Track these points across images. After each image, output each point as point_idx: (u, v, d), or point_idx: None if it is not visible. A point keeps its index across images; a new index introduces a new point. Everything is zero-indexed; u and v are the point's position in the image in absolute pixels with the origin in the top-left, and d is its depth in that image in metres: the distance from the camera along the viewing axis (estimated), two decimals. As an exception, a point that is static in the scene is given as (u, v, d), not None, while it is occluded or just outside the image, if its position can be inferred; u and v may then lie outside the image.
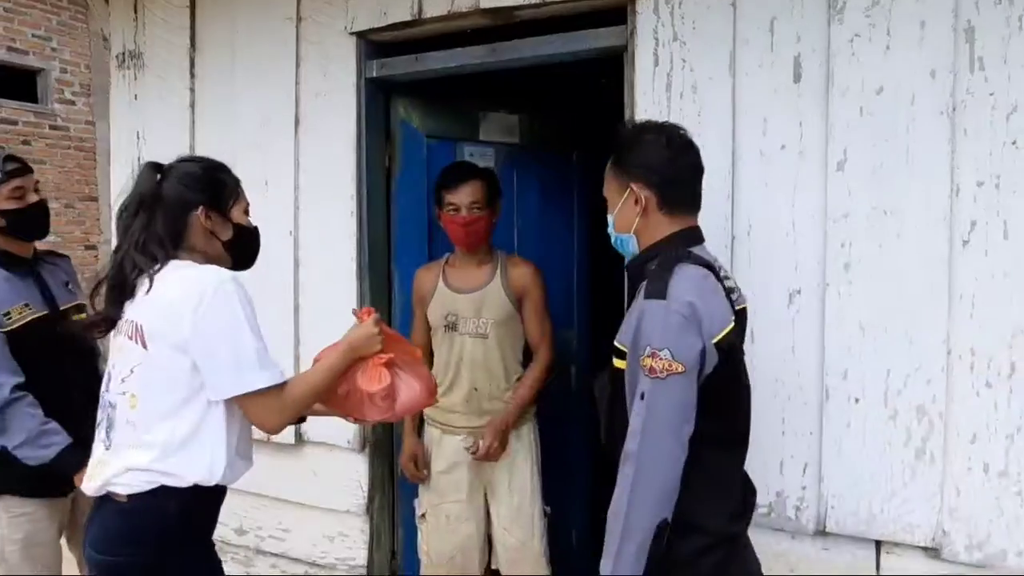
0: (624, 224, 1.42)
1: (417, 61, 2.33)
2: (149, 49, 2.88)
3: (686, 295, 1.26)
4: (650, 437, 1.24)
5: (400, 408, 1.74)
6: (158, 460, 1.43)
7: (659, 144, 1.38)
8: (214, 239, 1.55)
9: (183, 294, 1.41)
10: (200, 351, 1.41)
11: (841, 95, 1.72)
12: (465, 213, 2.23)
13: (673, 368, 1.23)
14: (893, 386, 1.70)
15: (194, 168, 1.55)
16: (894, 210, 1.68)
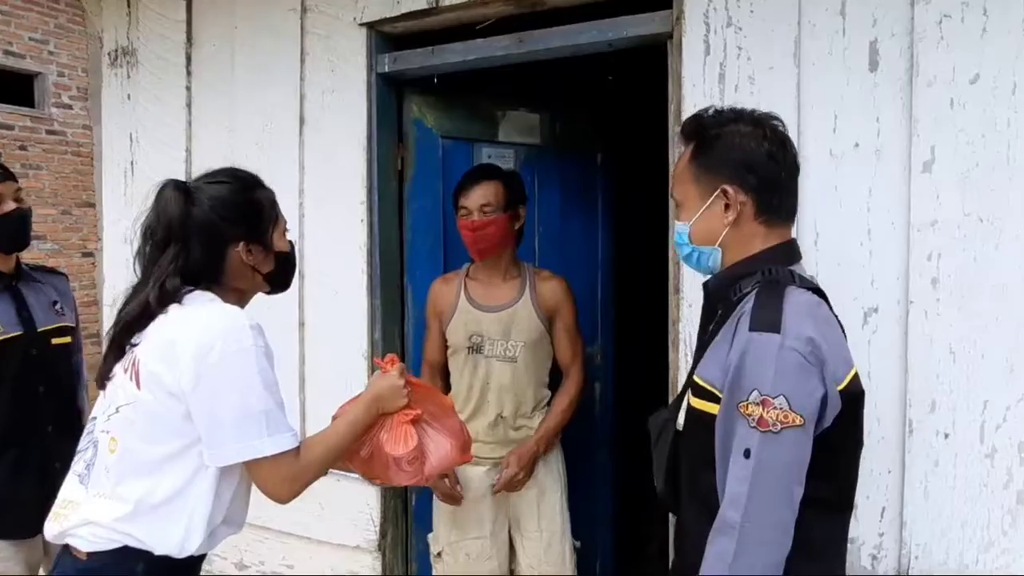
0: (707, 235, 1.17)
1: (433, 54, 2.12)
2: (143, 46, 2.69)
3: (805, 329, 1.03)
4: (758, 505, 1.00)
5: (430, 471, 1.58)
6: (126, 520, 1.22)
7: (758, 137, 1.14)
8: (255, 274, 1.35)
9: (190, 337, 1.20)
10: (200, 407, 1.20)
11: (927, 85, 1.50)
12: (476, 217, 2.01)
13: (789, 420, 1.00)
14: (991, 420, 1.48)
15: (226, 193, 1.31)
16: (992, 217, 1.46)
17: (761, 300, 1.06)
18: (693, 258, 1.21)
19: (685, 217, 1.20)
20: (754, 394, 1.01)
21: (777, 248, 1.14)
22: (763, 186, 1.13)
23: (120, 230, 2.79)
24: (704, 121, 1.18)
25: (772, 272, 1.10)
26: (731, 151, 1.14)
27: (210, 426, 1.21)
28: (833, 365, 1.03)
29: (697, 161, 1.17)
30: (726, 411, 1.06)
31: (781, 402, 1.00)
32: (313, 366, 2.34)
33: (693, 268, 1.23)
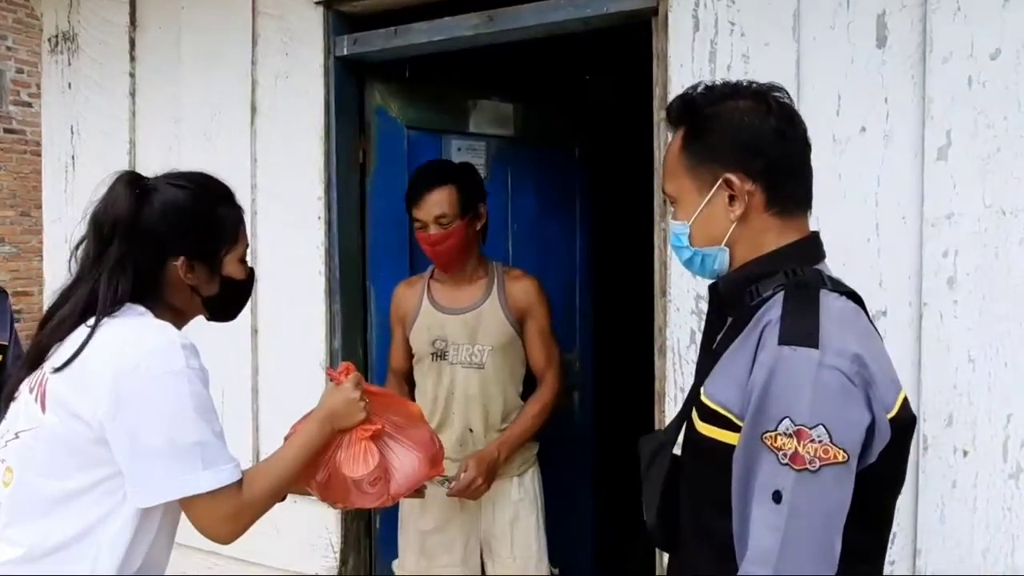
0: (710, 234, 0.98)
1: (396, 35, 1.94)
2: (84, 30, 2.48)
3: (848, 343, 0.84)
4: (792, 563, 0.81)
5: (396, 490, 1.43)
6: (13, 565, 1.04)
7: (761, 112, 0.95)
8: (193, 294, 1.19)
9: (109, 358, 1.04)
10: (121, 439, 1.03)
11: (942, 62, 1.34)
12: (433, 231, 1.82)
13: (830, 456, 0.81)
14: (1015, 435, 1.33)
15: (183, 199, 1.15)
16: (1016, 209, 1.31)
17: (791, 307, 0.88)
18: (696, 262, 1.02)
19: (683, 215, 1.01)
20: (785, 423, 0.83)
21: (797, 245, 0.96)
22: (773, 170, 0.95)
23: (61, 230, 2.58)
24: (695, 100, 0.99)
25: (797, 273, 0.92)
26: (731, 132, 0.95)
27: (134, 461, 1.03)
28: (882, 388, 0.85)
29: (691, 148, 0.98)
30: (748, 442, 0.87)
31: (820, 433, 0.81)
32: (267, 377, 2.14)
33: (696, 273, 1.04)
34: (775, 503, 0.82)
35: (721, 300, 1.03)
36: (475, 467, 1.81)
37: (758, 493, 0.85)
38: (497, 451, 1.84)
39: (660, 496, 1.06)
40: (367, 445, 1.39)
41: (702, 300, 1.56)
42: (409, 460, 1.46)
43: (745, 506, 0.88)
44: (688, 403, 1.05)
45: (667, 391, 1.62)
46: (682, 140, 1.00)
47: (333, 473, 1.35)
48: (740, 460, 0.88)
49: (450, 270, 1.90)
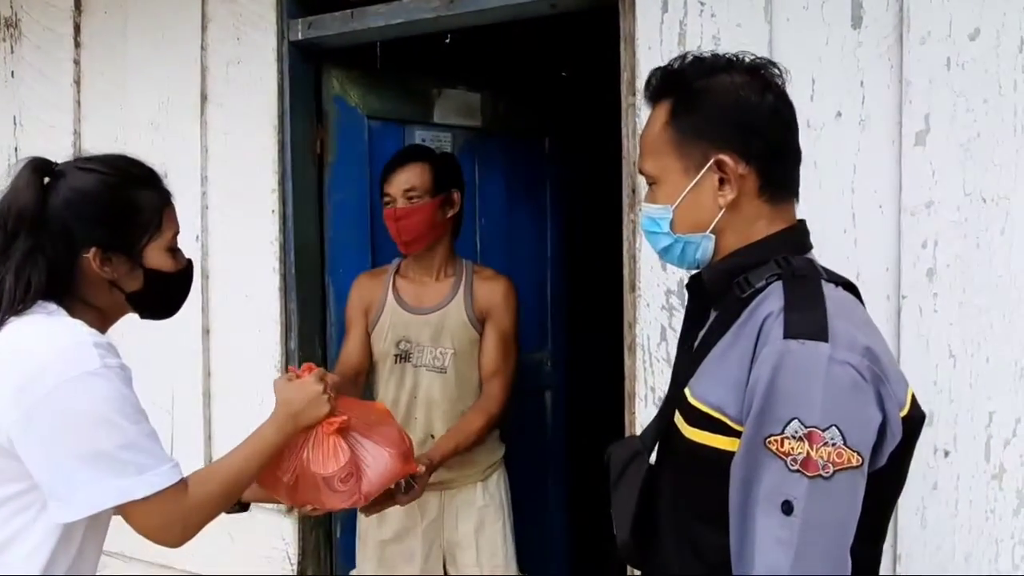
0: (696, 219, 0.90)
1: (353, 19, 1.84)
2: (27, 15, 2.37)
3: (858, 336, 0.78)
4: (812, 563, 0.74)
5: (368, 488, 1.37)
6: None
7: (757, 89, 0.88)
8: (113, 290, 1.08)
9: (13, 365, 0.96)
10: (35, 453, 0.94)
11: (920, 43, 1.28)
12: (400, 204, 1.75)
13: (844, 460, 0.74)
14: (998, 434, 1.27)
15: (93, 184, 1.05)
16: (997, 196, 1.25)
17: (794, 298, 0.81)
18: (675, 251, 0.93)
19: (664, 198, 0.92)
20: (794, 425, 0.75)
21: (787, 232, 0.89)
22: (769, 153, 0.87)
23: (3, 226, 2.44)
24: (683, 71, 0.91)
25: (791, 262, 0.85)
26: (727, 109, 0.87)
27: (53, 474, 0.94)
28: (894, 383, 0.79)
29: (678, 124, 0.89)
30: (750, 448, 0.79)
31: (834, 435, 0.74)
32: (221, 380, 2.04)
33: (673, 263, 0.96)
34: (785, 515, 0.75)
35: (703, 293, 0.95)
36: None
37: (763, 504, 0.77)
38: (432, 461, 1.63)
39: (634, 510, 0.98)
40: (336, 441, 1.33)
41: (673, 295, 1.49)
42: (380, 457, 1.39)
43: (746, 519, 0.79)
44: (668, 406, 0.96)
45: (637, 391, 1.54)
46: (668, 115, 0.91)
47: (301, 474, 1.29)
48: (740, 468, 0.80)
49: (412, 249, 1.80)
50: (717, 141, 0.88)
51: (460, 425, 1.75)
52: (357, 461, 1.38)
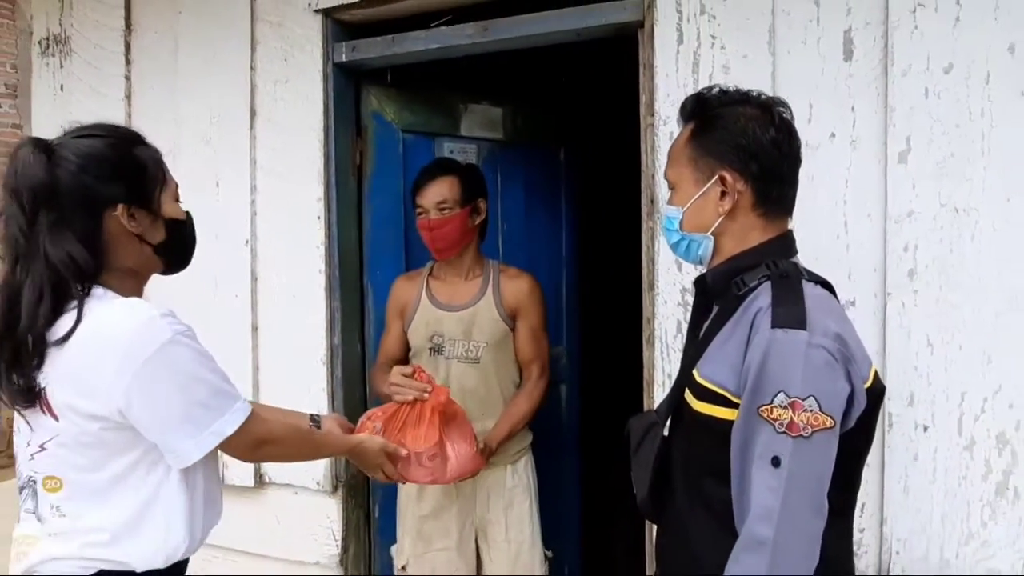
0: (700, 222, 1.10)
1: (394, 43, 2.03)
2: (77, 33, 2.51)
3: (830, 324, 0.97)
4: (792, 518, 0.93)
5: (451, 472, 1.70)
6: (95, 547, 1.11)
7: (764, 122, 1.07)
8: (142, 245, 1.16)
9: (102, 358, 1.06)
10: (145, 420, 1.09)
11: (902, 75, 1.48)
12: (433, 216, 1.94)
13: (820, 423, 0.93)
14: (969, 412, 1.47)
15: (100, 147, 1.11)
16: (968, 207, 1.45)
17: (779, 295, 1.00)
18: (682, 246, 1.14)
19: (678, 201, 1.12)
20: (780, 396, 0.94)
21: (775, 241, 1.08)
22: (764, 176, 1.07)
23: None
24: (707, 99, 1.11)
25: (780, 266, 1.04)
26: (734, 135, 1.07)
27: (163, 433, 1.10)
28: (860, 362, 0.98)
29: (696, 142, 1.10)
30: (746, 416, 0.98)
31: (811, 404, 0.93)
32: (268, 373, 2.20)
33: (681, 257, 1.16)
34: (774, 467, 0.94)
35: (708, 290, 1.14)
36: None
37: (758, 460, 0.96)
38: (486, 445, 1.89)
39: (652, 472, 1.17)
40: (430, 424, 1.66)
41: (687, 293, 1.68)
42: (463, 449, 1.72)
43: (744, 473, 0.99)
44: (679, 385, 1.16)
45: (655, 378, 1.74)
46: (690, 133, 1.11)
47: (399, 446, 1.60)
48: (739, 432, 0.99)
49: (445, 256, 1.99)
50: (723, 160, 1.07)
51: (510, 411, 1.97)
52: (444, 446, 1.68)
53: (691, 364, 1.12)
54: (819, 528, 0.96)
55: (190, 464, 1.12)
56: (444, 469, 1.70)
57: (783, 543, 0.93)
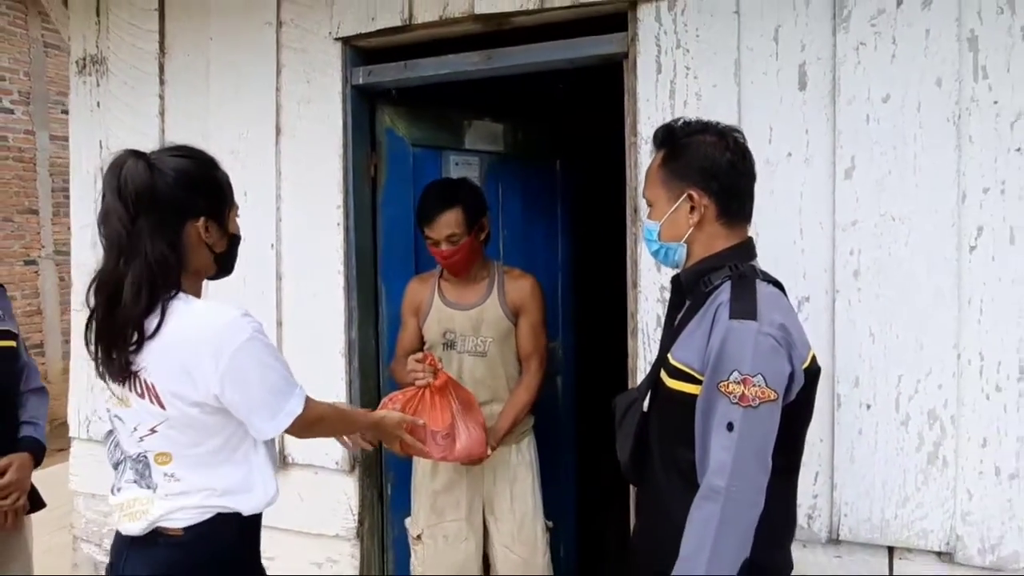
0: (674, 233, 1.32)
1: (406, 68, 2.27)
2: (114, 54, 2.74)
3: (776, 316, 1.19)
4: (742, 471, 1.15)
5: (458, 452, 1.96)
6: (212, 497, 1.37)
7: (721, 147, 1.29)
8: (208, 252, 1.37)
9: (196, 353, 1.26)
10: (234, 403, 1.31)
11: (847, 103, 1.73)
12: (445, 247, 2.12)
13: (766, 395, 1.15)
14: (904, 392, 1.71)
15: (189, 165, 1.31)
16: (902, 217, 1.69)
17: (736, 292, 1.22)
18: (661, 253, 1.36)
19: (655, 216, 1.35)
20: (735, 374, 1.16)
21: (738, 246, 1.31)
22: (724, 192, 1.29)
23: (88, 235, 2.82)
24: (674, 131, 1.33)
25: (739, 268, 1.26)
26: (697, 159, 1.29)
27: (248, 413, 1.32)
28: (799, 347, 1.20)
29: (667, 167, 1.32)
30: (708, 390, 1.20)
31: (759, 380, 1.15)
32: (293, 365, 2.31)
33: (660, 262, 1.39)
34: (728, 431, 1.16)
35: (682, 288, 1.38)
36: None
37: (716, 426, 1.18)
38: (496, 435, 2.15)
39: (632, 441, 1.41)
40: (443, 408, 1.96)
41: (666, 290, 1.92)
42: (471, 434, 1.98)
43: (706, 437, 1.21)
44: (656, 367, 1.39)
45: (639, 366, 1.98)
46: (662, 159, 1.34)
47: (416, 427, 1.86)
48: (702, 404, 1.22)
49: (460, 275, 2.22)
50: (689, 180, 1.30)
51: (513, 402, 2.21)
52: (455, 428, 1.95)
53: (666, 349, 1.35)
54: (764, 481, 1.17)
55: (271, 436, 1.38)
56: (454, 448, 1.96)
57: (734, 492, 1.15)
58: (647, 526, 1.45)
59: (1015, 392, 1.64)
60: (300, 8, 2.36)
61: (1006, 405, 1.64)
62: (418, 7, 2.18)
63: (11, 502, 2.05)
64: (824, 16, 1.74)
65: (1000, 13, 1.61)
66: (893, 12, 1.68)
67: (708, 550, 1.15)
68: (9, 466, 2.05)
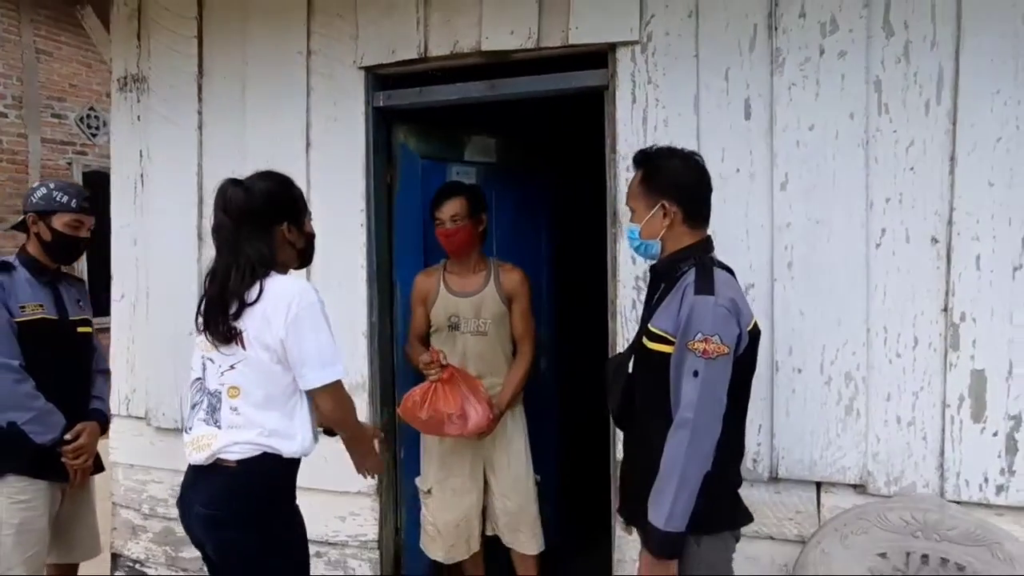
0: (651, 233, 1.74)
1: (421, 93, 2.67)
2: (154, 75, 3.07)
3: (728, 293, 1.60)
4: (704, 406, 1.55)
5: (471, 428, 2.41)
6: (262, 436, 1.74)
7: (686, 167, 1.72)
8: (291, 248, 1.85)
9: (275, 305, 1.70)
10: (292, 347, 1.70)
11: (782, 131, 2.18)
12: (449, 226, 2.59)
13: (722, 351, 1.55)
14: (827, 358, 2.16)
15: (275, 187, 1.81)
16: (824, 220, 2.15)
17: (699, 276, 1.63)
18: (641, 248, 1.78)
19: (636, 220, 1.77)
20: (699, 335, 1.57)
21: (700, 243, 1.73)
22: (689, 202, 1.71)
23: (130, 233, 3.16)
24: (650, 154, 1.77)
25: (701, 258, 1.69)
26: (668, 177, 1.71)
27: (302, 361, 1.71)
28: (745, 315, 1.62)
29: (645, 183, 1.75)
30: (680, 348, 1.61)
31: (717, 339, 1.56)
32: None
33: (640, 255, 1.81)
34: (695, 378, 1.57)
35: (658, 275, 1.80)
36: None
37: (685, 374, 1.59)
38: (500, 408, 2.59)
39: (620, 395, 1.83)
40: (452, 394, 2.40)
41: (640, 280, 2.35)
42: (478, 412, 2.42)
43: (678, 383, 1.61)
44: (639, 334, 1.81)
45: (618, 342, 2.40)
46: (640, 177, 1.77)
47: (434, 412, 2.35)
48: (675, 359, 1.63)
49: (459, 256, 2.65)
50: (662, 194, 1.72)
51: (511, 379, 2.63)
52: (465, 409, 2.39)
53: (647, 320, 1.77)
54: (720, 412, 1.58)
55: (312, 387, 1.74)
56: (466, 425, 2.42)
57: (698, 421, 1.56)
58: (635, 459, 1.85)
59: (911, 358, 2.10)
60: (328, 40, 2.75)
61: (904, 368, 2.10)
62: (432, 43, 2.59)
63: (81, 462, 2.42)
64: (764, 62, 2.19)
65: (898, 62, 2.08)
66: (817, 60, 2.14)
67: (680, 464, 1.56)
68: (82, 432, 2.41)
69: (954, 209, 2.05)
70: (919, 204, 2.07)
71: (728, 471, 1.70)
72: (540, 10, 2.42)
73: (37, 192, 2.39)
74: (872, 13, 2.09)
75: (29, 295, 2.34)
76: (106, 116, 8.45)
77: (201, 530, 1.76)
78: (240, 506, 1.72)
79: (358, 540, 2.80)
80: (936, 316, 2.07)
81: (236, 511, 1.72)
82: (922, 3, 2.05)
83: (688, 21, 2.26)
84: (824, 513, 2.18)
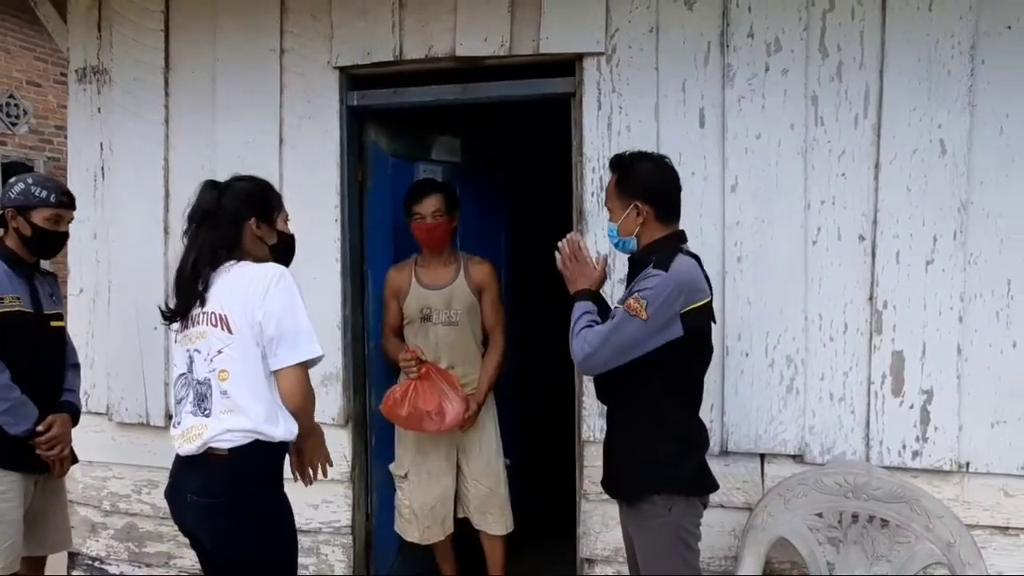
0: (627, 230, 1.95)
1: (395, 94, 2.79)
2: (117, 67, 3.04)
3: (680, 275, 1.82)
4: (605, 342, 1.79)
5: (448, 423, 2.58)
6: (252, 423, 1.81)
7: (657, 170, 1.93)
8: (263, 244, 1.95)
9: (252, 286, 1.81)
10: (269, 325, 1.79)
11: (733, 138, 2.42)
12: (429, 220, 2.73)
13: (639, 313, 1.76)
14: (771, 343, 2.43)
15: (247, 186, 1.95)
16: (768, 220, 2.41)
17: (662, 257, 1.85)
18: (620, 244, 1.99)
19: (614, 220, 1.97)
20: (636, 294, 1.79)
21: (671, 236, 1.94)
22: (659, 201, 1.92)
23: (90, 227, 3.13)
24: (624, 158, 1.97)
25: (670, 248, 1.90)
26: (641, 179, 1.92)
27: (278, 340, 1.79)
28: (687, 299, 1.81)
29: (620, 186, 1.95)
30: (622, 302, 1.84)
31: (643, 303, 1.77)
32: None
33: (619, 250, 2.02)
34: (611, 320, 1.81)
35: (635, 263, 1.99)
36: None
37: (608, 318, 1.82)
38: (479, 400, 2.75)
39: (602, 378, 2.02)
40: (430, 391, 2.55)
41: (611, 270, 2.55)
42: (454, 408, 2.58)
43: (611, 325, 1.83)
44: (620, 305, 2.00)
45: (583, 330, 2.59)
46: (616, 180, 1.96)
47: (414, 409, 2.49)
48: (613, 308, 1.86)
49: (435, 249, 2.80)
50: (636, 195, 1.93)
51: (486, 368, 2.80)
52: (442, 406, 2.54)
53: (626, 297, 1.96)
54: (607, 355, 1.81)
55: (286, 365, 1.80)
56: (443, 421, 2.57)
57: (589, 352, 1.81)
58: (616, 429, 2.02)
59: (842, 342, 2.38)
60: (301, 40, 2.82)
61: (836, 351, 2.39)
62: (407, 46, 2.71)
63: (57, 452, 2.43)
64: (716, 75, 2.43)
65: (832, 80, 2.35)
66: (763, 76, 2.39)
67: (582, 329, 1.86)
68: (53, 423, 2.42)
69: (878, 211, 2.34)
70: (849, 206, 2.36)
71: (695, 440, 1.93)
72: (512, 20, 2.58)
73: (15, 187, 2.38)
74: (810, 36, 2.36)
75: (7, 287, 2.34)
76: (27, 104, 8.09)
77: (194, 519, 1.82)
78: (233, 493, 1.79)
79: (331, 527, 2.89)
80: (863, 305, 2.36)
81: (230, 499, 1.79)
82: (852, 28, 2.33)
83: (649, 36, 2.47)
84: (767, 482, 2.44)
